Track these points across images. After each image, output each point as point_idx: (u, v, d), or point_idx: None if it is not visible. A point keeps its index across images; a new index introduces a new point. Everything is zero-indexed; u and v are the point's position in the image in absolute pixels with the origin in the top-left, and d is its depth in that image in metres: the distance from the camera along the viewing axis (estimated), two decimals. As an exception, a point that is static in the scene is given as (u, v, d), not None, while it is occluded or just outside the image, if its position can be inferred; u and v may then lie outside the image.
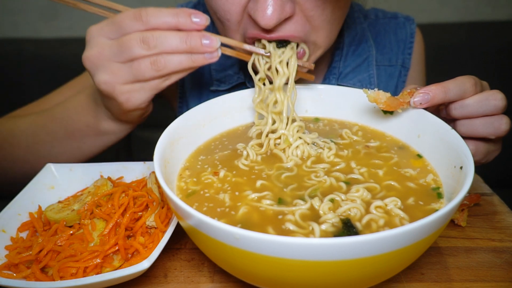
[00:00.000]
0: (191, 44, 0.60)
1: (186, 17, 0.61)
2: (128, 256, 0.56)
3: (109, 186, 0.66)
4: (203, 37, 0.60)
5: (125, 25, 0.61)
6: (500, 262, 0.58)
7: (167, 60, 0.61)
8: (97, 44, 0.63)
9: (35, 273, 0.54)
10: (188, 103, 0.99)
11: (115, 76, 0.63)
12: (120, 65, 0.62)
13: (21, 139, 0.84)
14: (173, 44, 0.60)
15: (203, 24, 0.61)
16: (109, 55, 0.62)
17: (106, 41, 0.63)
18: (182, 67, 0.62)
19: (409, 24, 1.00)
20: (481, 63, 1.67)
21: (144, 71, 0.61)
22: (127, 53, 0.61)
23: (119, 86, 0.63)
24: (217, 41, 0.61)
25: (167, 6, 1.05)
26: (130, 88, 0.64)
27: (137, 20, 0.61)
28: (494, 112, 0.62)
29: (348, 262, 0.40)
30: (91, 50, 0.63)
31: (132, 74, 0.62)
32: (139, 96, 0.65)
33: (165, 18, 0.60)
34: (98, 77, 0.64)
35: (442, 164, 0.58)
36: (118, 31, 0.62)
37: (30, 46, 1.68)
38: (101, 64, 0.63)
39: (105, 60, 0.63)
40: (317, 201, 0.53)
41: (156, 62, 0.61)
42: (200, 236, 0.46)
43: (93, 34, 0.64)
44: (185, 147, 0.64)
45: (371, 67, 0.95)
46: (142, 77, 0.62)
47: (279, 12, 0.62)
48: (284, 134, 0.65)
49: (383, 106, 0.63)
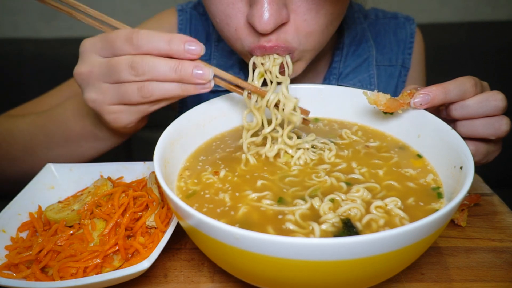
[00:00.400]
0: (181, 74, 0.58)
1: (180, 44, 0.58)
2: (128, 256, 0.56)
3: (109, 186, 0.66)
4: (196, 68, 0.58)
5: (116, 46, 0.60)
6: (500, 262, 0.58)
7: (154, 88, 0.59)
8: (88, 61, 0.63)
9: (35, 273, 0.54)
10: (188, 104, 0.99)
11: (103, 96, 0.63)
12: (109, 85, 0.62)
13: (19, 139, 0.84)
14: (162, 72, 0.58)
15: (197, 54, 0.58)
16: (98, 74, 0.62)
17: (96, 59, 0.62)
18: (170, 95, 0.60)
19: (409, 24, 1.00)
20: (481, 63, 1.67)
21: (131, 95, 0.60)
22: (115, 76, 0.60)
23: (106, 106, 0.63)
24: (209, 72, 0.58)
25: (167, 5, 1.06)
26: (117, 109, 0.63)
27: (128, 43, 0.59)
28: (494, 112, 0.62)
29: (348, 262, 0.40)
30: (82, 66, 0.63)
31: (119, 96, 0.61)
32: (126, 118, 0.65)
33: (157, 44, 0.58)
34: (86, 94, 0.64)
35: (442, 164, 0.58)
36: (110, 50, 0.61)
37: (30, 46, 1.68)
38: (90, 82, 0.63)
39: (94, 79, 0.62)
40: (317, 201, 0.53)
41: (143, 89, 0.60)
42: (200, 236, 0.46)
43: (86, 49, 0.63)
44: (185, 147, 0.64)
45: (371, 67, 0.95)
46: (129, 101, 0.62)
47: (276, 17, 0.62)
48: (282, 149, 0.63)
49: (383, 107, 0.63)
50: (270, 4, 0.61)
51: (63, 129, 0.80)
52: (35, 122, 0.84)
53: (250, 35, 0.68)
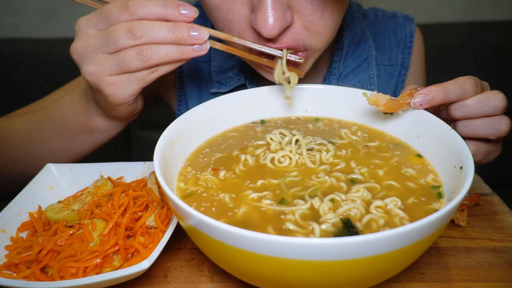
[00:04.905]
0: (179, 35, 0.60)
1: (175, 8, 0.60)
2: (128, 256, 0.56)
3: (109, 186, 0.66)
4: (191, 29, 0.60)
5: (112, 15, 0.61)
6: (500, 262, 0.58)
7: (153, 51, 0.60)
8: (85, 35, 0.63)
9: (35, 273, 0.54)
10: (187, 106, 0.99)
11: (101, 67, 0.62)
12: (107, 56, 0.62)
13: (14, 137, 0.84)
14: (160, 34, 0.60)
15: (191, 16, 0.61)
16: (95, 46, 0.62)
17: (93, 32, 0.63)
18: (169, 58, 0.61)
19: (409, 24, 1.00)
20: (481, 63, 1.67)
21: (130, 61, 0.61)
22: (114, 44, 0.60)
23: (105, 77, 0.63)
24: (205, 33, 0.61)
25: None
26: (116, 79, 0.63)
27: (124, 11, 0.60)
28: (495, 112, 0.62)
29: (348, 262, 0.40)
30: (79, 41, 0.63)
31: (118, 65, 0.62)
32: (126, 88, 0.65)
33: (153, 9, 0.60)
34: (84, 68, 0.64)
35: (442, 164, 0.58)
36: (106, 21, 0.62)
37: (30, 46, 1.68)
38: (87, 55, 0.63)
39: (92, 51, 0.62)
40: (317, 201, 0.53)
41: (142, 52, 0.60)
42: (200, 236, 0.46)
43: (81, 25, 0.63)
44: (185, 147, 0.64)
45: (371, 67, 0.95)
46: (128, 68, 0.62)
47: (281, 21, 0.62)
48: (287, 155, 0.63)
49: (383, 108, 0.63)
50: (274, 8, 0.61)
51: (58, 124, 0.80)
52: (30, 120, 0.84)
53: (254, 37, 0.68)
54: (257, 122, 0.73)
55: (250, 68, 0.93)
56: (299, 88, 0.74)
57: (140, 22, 0.59)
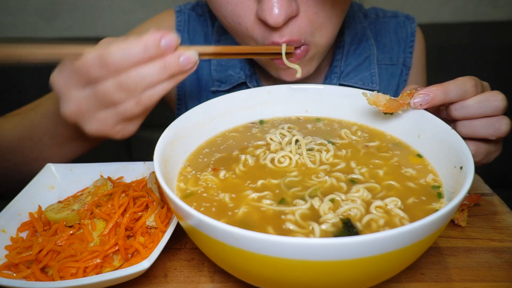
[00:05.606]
0: (172, 70, 0.57)
1: (156, 46, 0.55)
2: (128, 256, 0.56)
3: (109, 186, 0.66)
4: (180, 57, 0.57)
5: (92, 74, 0.56)
6: (500, 262, 0.58)
7: (151, 95, 0.58)
8: (71, 99, 0.59)
9: (35, 273, 0.54)
10: (187, 105, 0.99)
11: (104, 123, 0.60)
12: (106, 112, 0.59)
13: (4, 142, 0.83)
14: (154, 79, 0.56)
15: (174, 46, 0.57)
16: (89, 108, 0.59)
17: (79, 94, 0.59)
18: (167, 91, 0.59)
19: (410, 23, 1.00)
20: (481, 63, 1.67)
21: (132, 110, 0.59)
22: (108, 101, 0.58)
23: (112, 130, 0.62)
24: (194, 54, 0.58)
25: (167, 5, 1.06)
26: (122, 126, 0.62)
27: (104, 68, 0.55)
28: (495, 113, 0.62)
29: (348, 262, 0.40)
30: (68, 106, 0.60)
31: (120, 117, 0.60)
32: (133, 127, 0.63)
33: (134, 56, 0.55)
34: (87, 127, 0.61)
35: (442, 164, 0.58)
36: (87, 80, 0.57)
37: (30, 46, 1.68)
38: (86, 117, 0.60)
39: (88, 112, 0.60)
40: (317, 201, 0.53)
41: (140, 101, 0.58)
42: (200, 236, 0.46)
43: (61, 87, 0.59)
44: (185, 147, 0.64)
45: (373, 66, 0.95)
46: (131, 115, 0.60)
47: (286, 8, 0.63)
48: (287, 155, 0.63)
49: (383, 108, 0.63)
50: None
51: (49, 136, 0.79)
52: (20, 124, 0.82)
53: (262, 31, 0.68)
54: (257, 122, 0.73)
55: (250, 66, 0.93)
56: (299, 88, 0.74)
57: (128, 76, 0.56)
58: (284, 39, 0.68)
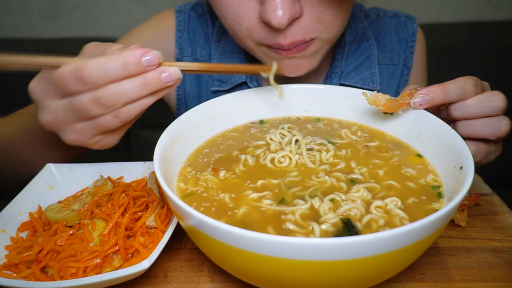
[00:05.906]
0: (152, 87, 0.54)
1: (137, 63, 0.52)
2: (128, 256, 0.56)
3: (109, 186, 0.66)
4: (162, 73, 0.54)
5: (69, 88, 0.54)
6: (500, 262, 0.58)
7: (130, 110, 0.55)
8: (48, 108, 0.57)
9: (35, 273, 0.54)
10: (187, 105, 0.99)
11: (82, 134, 0.58)
12: (83, 123, 0.57)
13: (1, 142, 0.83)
14: (133, 95, 0.54)
15: (156, 64, 0.54)
16: (66, 119, 0.57)
17: (56, 104, 0.57)
18: (147, 106, 0.57)
19: (411, 23, 1.00)
20: (481, 63, 1.67)
21: (110, 125, 0.56)
22: (85, 115, 0.55)
23: (90, 140, 0.60)
24: (176, 71, 0.55)
25: (167, 5, 1.06)
26: (101, 137, 0.60)
27: (81, 83, 0.53)
28: (495, 113, 0.62)
29: (348, 262, 0.40)
30: (45, 115, 0.58)
31: (98, 129, 0.57)
32: (111, 140, 0.61)
33: (113, 74, 0.52)
34: (66, 138, 0.60)
35: (442, 164, 0.58)
36: (64, 92, 0.55)
37: (30, 46, 1.68)
38: (63, 127, 0.58)
39: (64, 123, 0.58)
40: (317, 201, 0.53)
41: (118, 115, 0.55)
42: (200, 236, 0.46)
43: (39, 97, 0.58)
44: (185, 147, 0.64)
45: (373, 66, 0.95)
46: (110, 128, 0.58)
47: (290, 9, 0.63)
48: (287, 155, 0.63)
49: (382, 108, 0.63)
50: None
51: (41, 139, 0.78)
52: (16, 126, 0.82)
53: (264, 33, 0.68)
54: (256, 122, 0.73)
55: None
56: (299, 88, 0.74)
57: (106, 91, 0.53)
58: (288, 40, 0.68)
